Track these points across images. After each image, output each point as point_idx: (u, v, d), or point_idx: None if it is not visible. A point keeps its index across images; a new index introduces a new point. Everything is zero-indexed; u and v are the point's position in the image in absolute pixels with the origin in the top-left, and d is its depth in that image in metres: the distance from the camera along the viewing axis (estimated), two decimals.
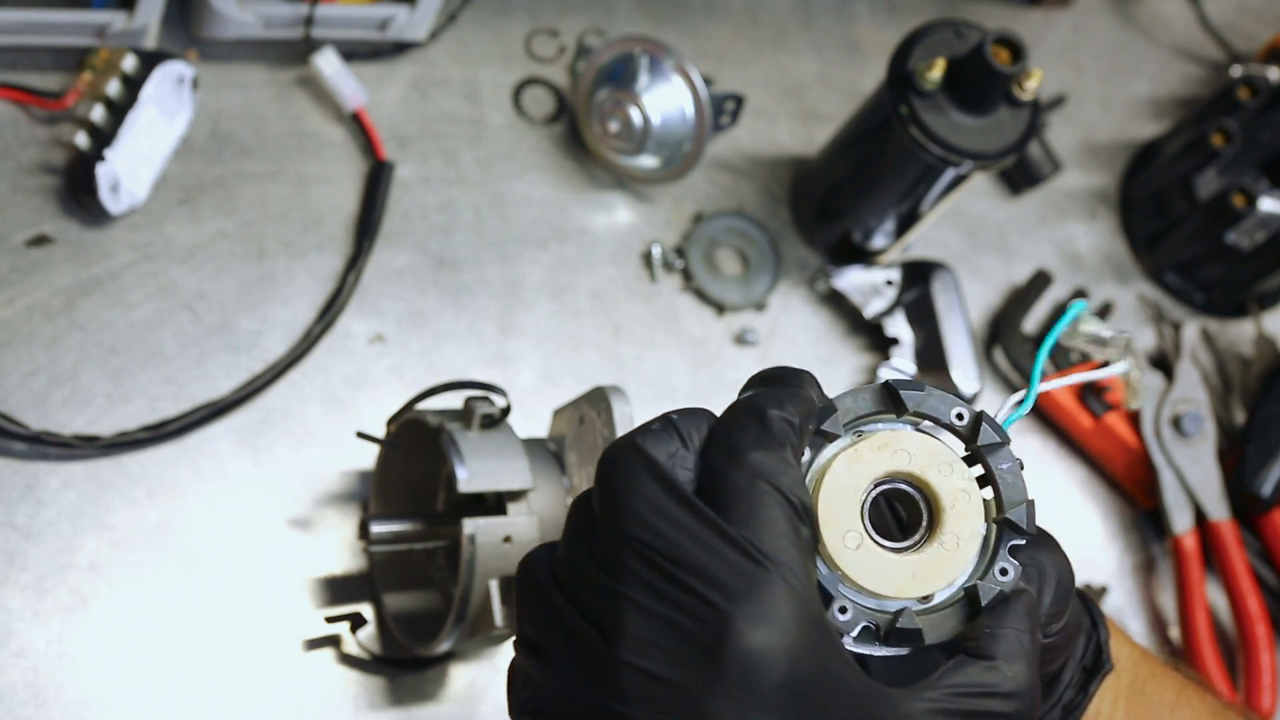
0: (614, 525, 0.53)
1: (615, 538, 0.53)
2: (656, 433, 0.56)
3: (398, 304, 1.05)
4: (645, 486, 0.53)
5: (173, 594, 0.91)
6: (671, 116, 1.10)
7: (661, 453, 0.55)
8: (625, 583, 0.52)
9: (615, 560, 0.53)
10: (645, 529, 0.52)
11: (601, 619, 0.52)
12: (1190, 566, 1.15)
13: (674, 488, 0.53)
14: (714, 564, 0.52)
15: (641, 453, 0.55)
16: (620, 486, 0.54)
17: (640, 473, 0.54)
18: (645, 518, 0.53)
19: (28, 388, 0.93)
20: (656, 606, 0.51)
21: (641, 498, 0.53)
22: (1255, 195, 1.22)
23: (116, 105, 0.98)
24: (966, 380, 1.13)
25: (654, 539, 0.52)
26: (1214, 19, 1.45)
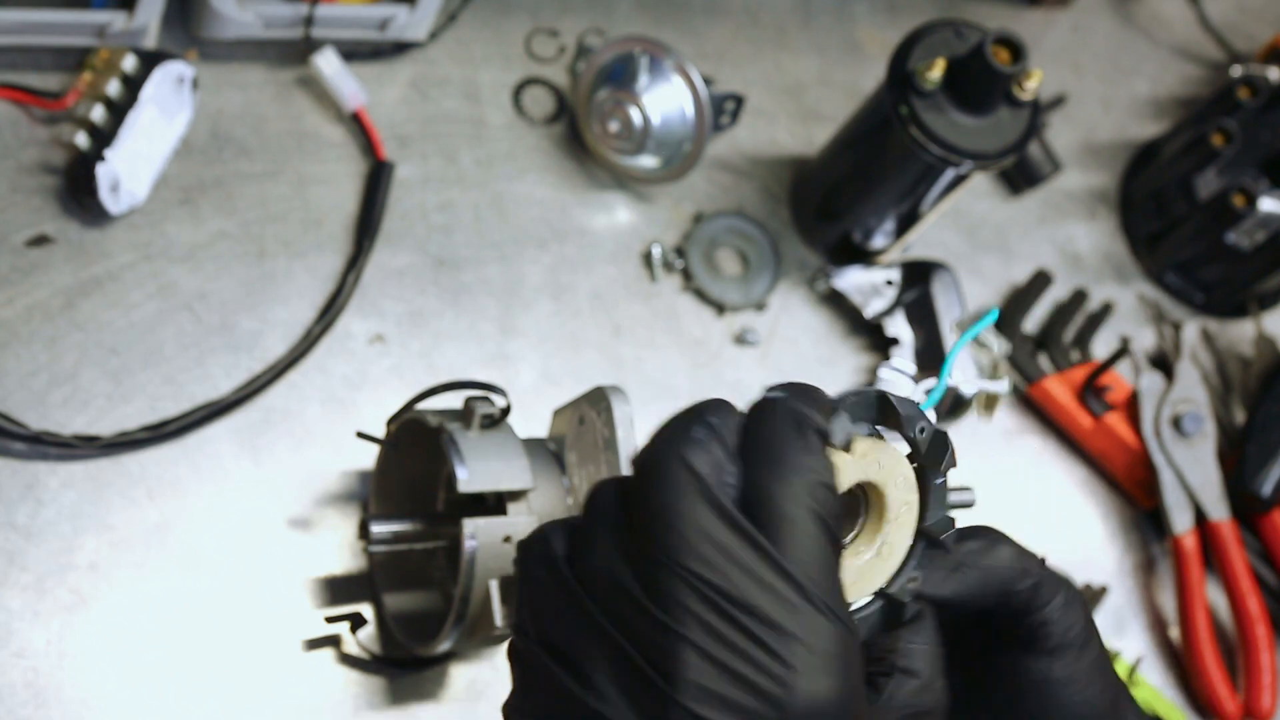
0: (665, 552, 0.50)
1: (667, 566, 0.50)
2: (700, 443, 0.53)
3: (398, 304, 1.05)
4: (697, 511, 0.51)
5: (173, 594, 0.91)
6: (671, 116, 1.10)
7: (706, 465, 0.52)
8: (684, 623, 0.49)
9: (669, 594, 0.50)
10: (703, 563, 0.50)
11: (657, 657, 0.49)
12: (1190, 566, 1.15)
13: (728, 514, 0.51)
14: (776, 608, 0.49)
15: (689, 468, 0.52)
16: (669, 508, 0.51)
17: (690, 493, 0.51)
18: (701, 550, 0.50)
19: (28, 388, 0.93)
20: (720, 653, 0.49)
21: (695, 526, 0.50)
22: (1255, 195, 1.22)
23: (116, 105, 0.98)
24: (967, 380, 1.13)
25: (713, 575, 0.50)
26: (1214, 19, 1.45)
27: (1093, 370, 1.18)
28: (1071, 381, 1.19)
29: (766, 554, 0.50)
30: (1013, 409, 1.20)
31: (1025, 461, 1.20)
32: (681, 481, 0.52)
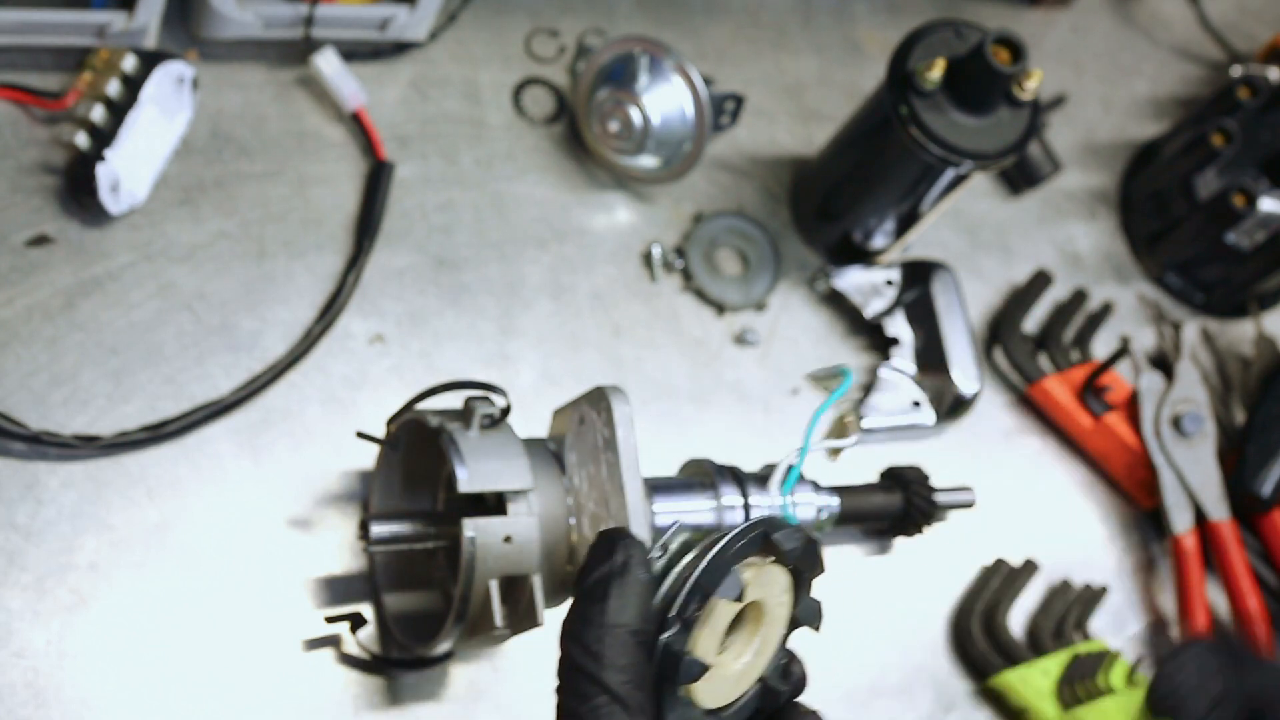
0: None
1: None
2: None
3: (398, 304, 1.05)
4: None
5: (173, 594, 0.91)
6: (671, 116, 1.10)
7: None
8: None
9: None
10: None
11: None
12: (1190, 566, 1.15)
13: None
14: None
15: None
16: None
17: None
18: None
19: (28, 388, 0.93)
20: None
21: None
22: (1255, 195, 1.22)
23: (116, 105, 0.98)
24: (966, 380, 1.13)
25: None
26: (1214, 19, 1.45)
27: (1093, 370, 1.18)
28: (1071, 381, 1.19)
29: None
30: (1013, 409, 1.20)
31: (1025, 461, 1.20)
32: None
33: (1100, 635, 1.14)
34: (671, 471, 1.02)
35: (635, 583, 0.64)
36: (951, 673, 1.09)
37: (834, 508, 1.01)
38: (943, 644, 1.10)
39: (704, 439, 1.08)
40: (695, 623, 0.65)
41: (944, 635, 1.10)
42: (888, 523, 1.06)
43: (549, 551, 0.88)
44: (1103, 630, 1.15)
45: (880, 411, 1.13)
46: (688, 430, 1.08)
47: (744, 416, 1.10)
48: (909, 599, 1.10)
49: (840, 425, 0.77)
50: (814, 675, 1.05)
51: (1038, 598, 1.13)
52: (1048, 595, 1.13)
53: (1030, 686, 1.07)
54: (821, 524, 1.01)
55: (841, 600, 1.08)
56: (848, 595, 1.09)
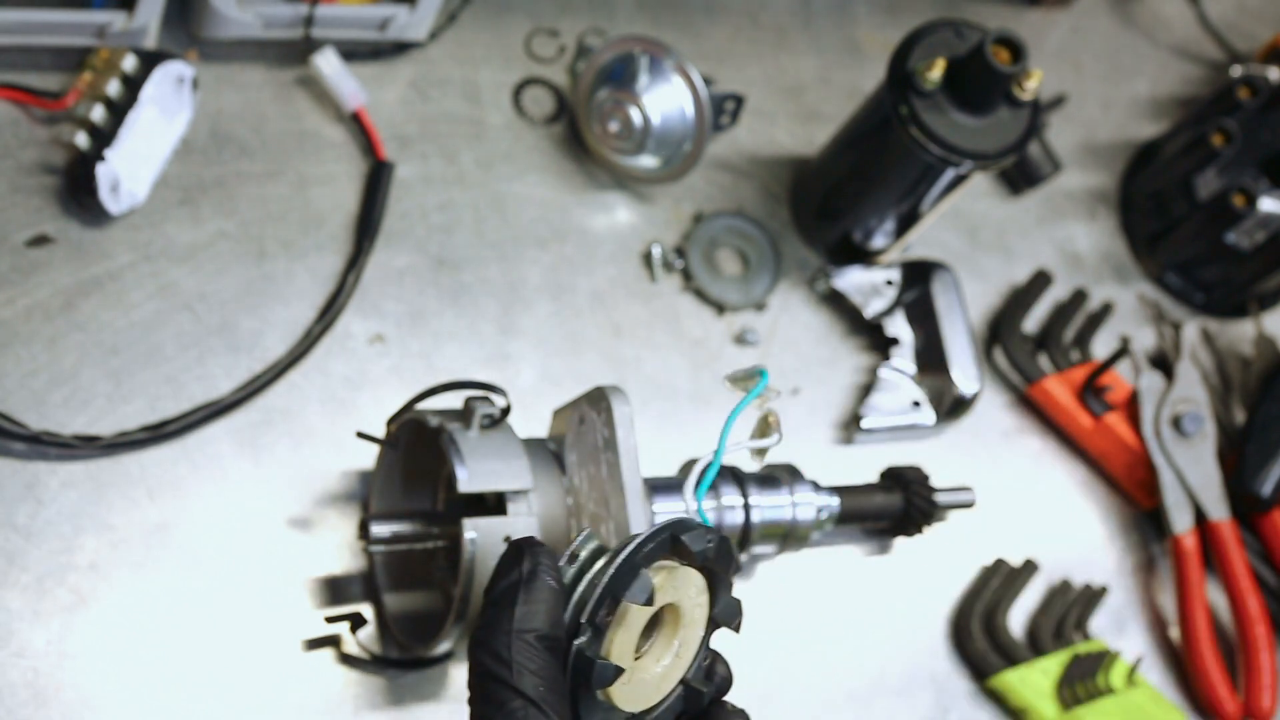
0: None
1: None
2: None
3: (398, 304, 1.05)
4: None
5: (173, 594, 0.91)
6: (671, 116, 1.10)
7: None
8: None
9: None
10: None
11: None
12: (1190, 566, 1.15)
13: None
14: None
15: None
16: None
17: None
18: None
19: (28, 388, 0.93)
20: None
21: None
22: (1255, 195, 1.22)
23: (116, 105, 0.98)
24: (966, 380, 1.13)
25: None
26: (1214, 19, 1.45)
27: (1093, 370, 1.18)
28: (1071, 381, 1.19)
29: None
30: (1013, 409, 1.20)
31: (1025, 461, 1.20)
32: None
33: (1100, 635, 1.14)
34: (671, 471, 1.02)
35: (543, 588, 0.64)
36: (951, 673, 1.09)
37: (834, 508, 1.01)
38: (943, 644, 1.10)
39: (704, 439, 1.08)
40: (607, 628, 0.65)
41: (944, 635, 1.10)
42: (888, 523, 1.06)
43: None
44: (1103, 630, 1.15)
45: (880, 411, 1.13)
46: (688, 430, 1.08)
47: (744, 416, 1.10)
48: (909, 599, 1.10)
49: (764, 424, 0.77)
50: (814, 675, 1.06)
51: (1038, 598, 1.13)
52: (1048, 595, 1.13)
53: (1030, 686, 1.07)
54: (821, 524, 1.01)
55: (841, 600, 1.09)
56: (848, 595, 1.09)
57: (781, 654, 1.05)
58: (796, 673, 1.05)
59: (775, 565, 1.06)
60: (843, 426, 1.14)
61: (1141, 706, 1.09)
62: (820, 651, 1.07)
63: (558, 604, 0.64)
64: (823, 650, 1.07)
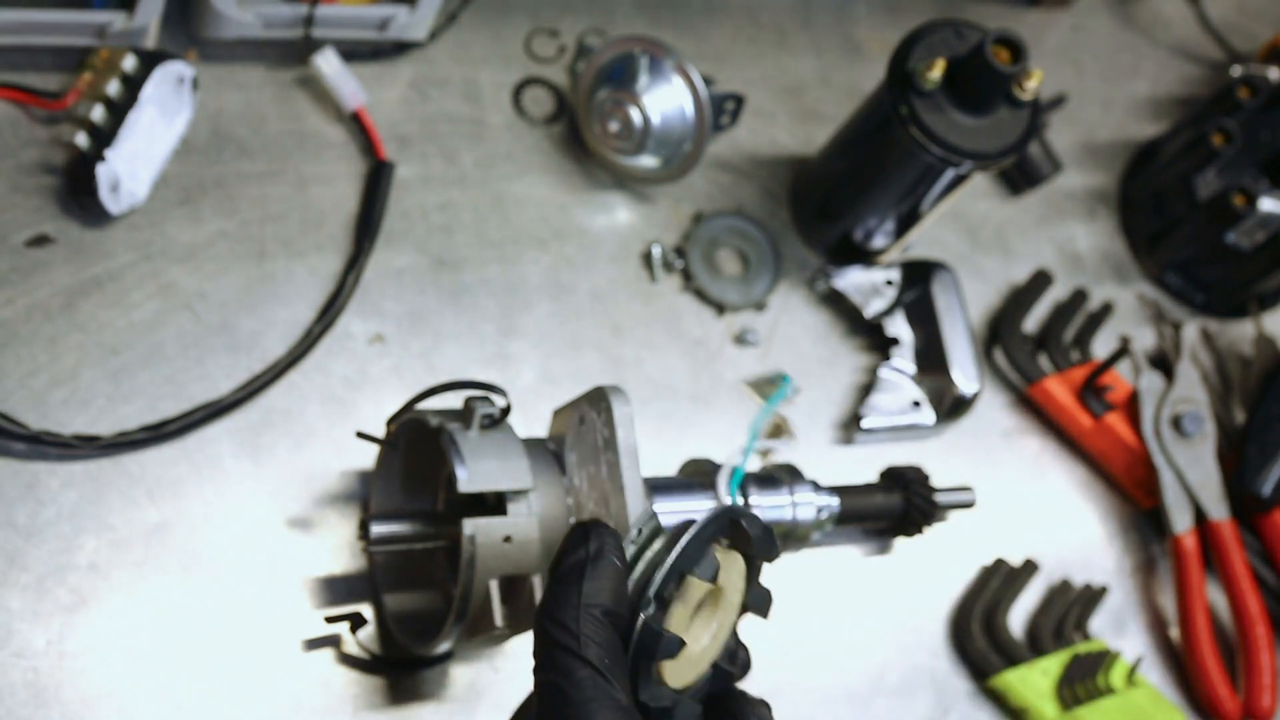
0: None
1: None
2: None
3: (398, 304, 1.05)
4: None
5: (173, 594, 0.91)
6: (671, 116, 1.10)
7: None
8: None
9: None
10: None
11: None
12: (1190, 566, 1.15)
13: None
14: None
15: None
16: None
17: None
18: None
19: (28, 388, 0.93)
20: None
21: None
22: (1255, 195, 1.22)
23: (116, 105, 0.98)
24: (966, 380, 1.13)
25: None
26: (1214, 19, 1.45)
27: (1093, 370, 1.18)
28: (1071, 381, 1.19)
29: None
30: (1013, 409, 1.20)
31: (1025, 461, 1.20)
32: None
33: (1100, 635, 1.14)
34: (671, 471, 1.02)
35: (609, 566, 0.67)
36: (951, 673, 1.09)
37: (834, 508, 1.01)
38: (943, 644, 1.10)
39: (704, 439, 1.08)
40: (671, 602, 0.68)
41: (944, 635, 1.10)
42: (888, 523, 1.06)
43: (549, 551, 0.88)
44: (1103, 630, 1.15)
45: (880, 411, 1.13)
46: (688, 430, 1.08)
47: (744, 416, 1.10)
48: (909, 599, 1.10)
49: (775, 428, 0.80)
50: (814, 675, 1.06)
51: (1038, 598, 1.13)
52: (1048, 595, 1.13)
53: (1030, 686, 1.07)
54: (821, 524, 1.01)
55: (841, 600, 1.09)
56: (848, 595, 1.09)
57: (781, 654, 1.05)
58: (796, 672, 1.05)
59: (775, 565, 1.06)
60: (843, 426, 1.14)
61: (1141, 706, 1.09)
62: (820, 651, 1.07)
63: (621, 582, 0.67)
64: (823, 650, 1.07)
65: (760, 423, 0.78)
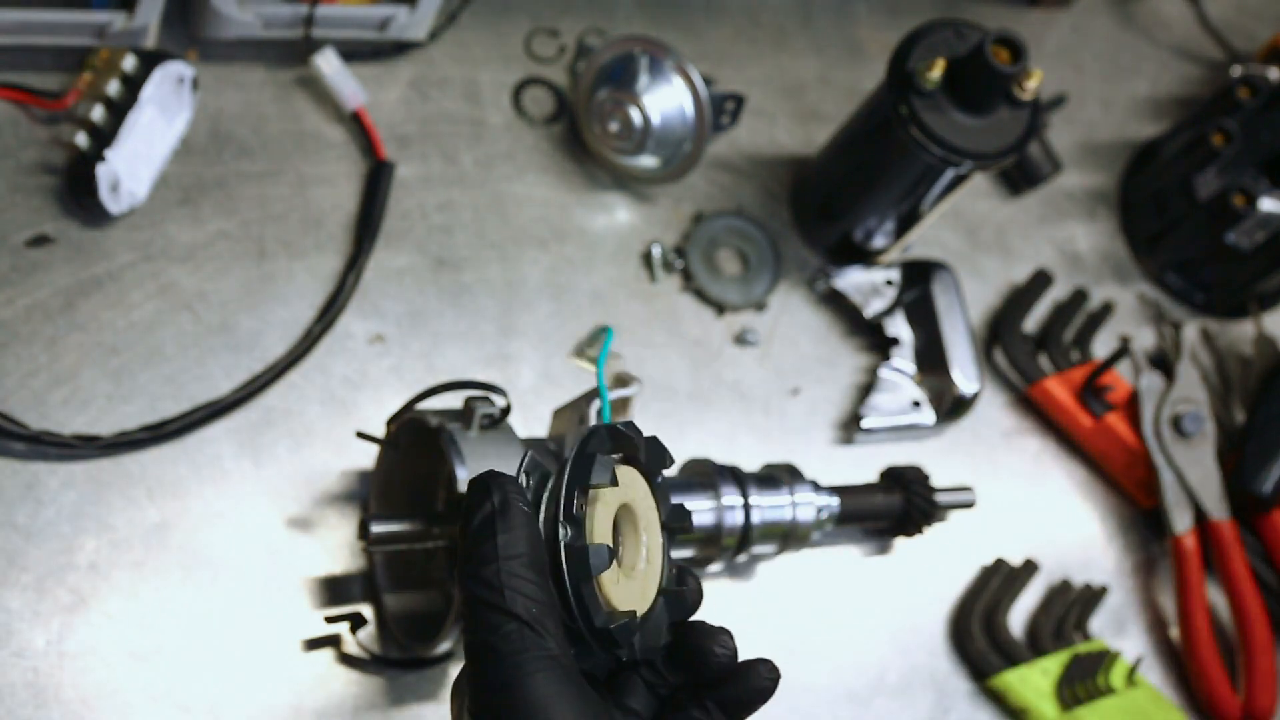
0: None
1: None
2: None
3: (398, 304, 1.05)
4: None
5: (173, 594, 0.91)
6: (671, 116, 1.10)
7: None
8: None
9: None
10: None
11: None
12: (1190, 566, 1.15)
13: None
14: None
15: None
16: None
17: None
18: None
19: (28, 388, 0.93)
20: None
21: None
22: (1255, 195, 1.22)
23: (116, 105, 0.98)
24: (966, 380, 1.13)
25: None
26: (1214, 19, 1.45)
27: (1093, 370, 1.18)
28: (1071, 381, 1.19)
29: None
30: (1013, 409, 1.20)
31: (1025, 461, 1.20)
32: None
33: (1100, 635, 1.14)
34: (671, 471, 1.02)
35: (519, 514, 0.65)
36: (951, 673, 1.09)
37: (834, 508, 1.01)
38: (943, 644, 1.10)
39: (704, 439, 1.08)
40: (584, 518, 0.67)
41: (944, 635, 1.10)
42: (888, 523, 1.06)
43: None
44: (1103, 630, 1.15)
45: (880, 411, 1.13)
46: (688, 430, 1.08)
47: (744, 416, 1.10)
48: (909, 599, 1.10)
49: (618, 379, 0.81)
50: (814, 675, 1.06)
51: (1038, 598, 1.13)
52: (1048, 595, 1.13)
53: (1030, 686, 1.07)
54: (821, 524, 1.01)
55: (841, 600, 1.09)
56: (848, 595, 1.09)
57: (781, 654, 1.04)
58: (796, 672, 1.05)
59: (775, 565, 1.06)
60: (843, 426, 1.14)
61: (1141, 706, 1.09)
62: (820, 651, 1.07)
63: (533, 527, 0.66)
64: (822, 650, 1.07)
65: (601, 378, 0.81)
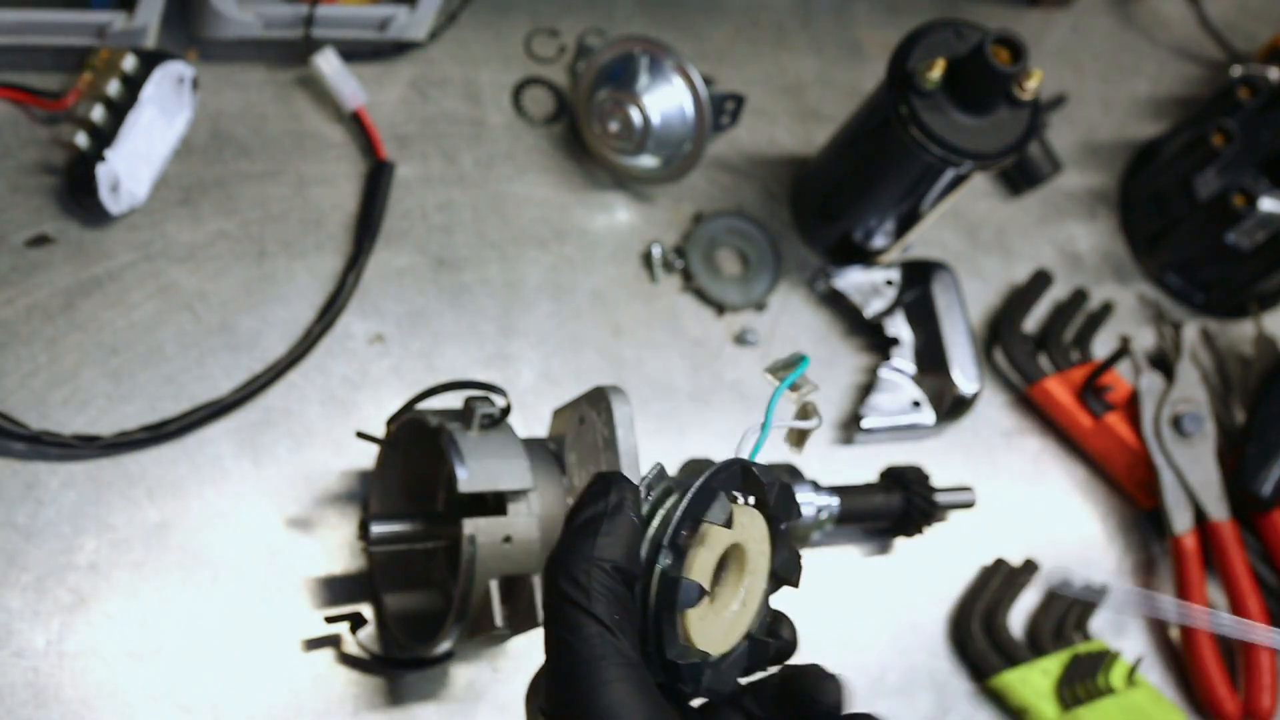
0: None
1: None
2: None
3: (398, 304, 1.05)
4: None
5: (173, 594, 0.91)
6: (671, 116, 1.10)
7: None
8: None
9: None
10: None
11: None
12: (1190, 566, 1.15)
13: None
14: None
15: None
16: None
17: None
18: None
19: (28, 388, 0.93)
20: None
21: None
22: (1255, 195, 1.22)
23: (116, 105, 0.98)
24: (966, 380, 1.13)
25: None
26: (1214, 19, 1.45)
27: (1093, 370, 1.18)
28: (1071, 381, 1.19)
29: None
30: (1013, 409, 1.20)
31: (1025, 461, 1.20)
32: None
33: (1100, 635, 1.14)
34: (672, 471, 1.02)
35: (626, 522, 0.65)
36: (951, 673, 1.09)
37: (834, 508, 1.01)
38: (943, 644, 1.10)
39: (704, 439, 1.08)
40: (688, 551, 0.65)
41: (944, 635, 1.10)
42: (888, 523, 1.06)
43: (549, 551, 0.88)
44: (1103, 630, 1.15)
45: (880, 411, 1.13)
46: (688, 430, 1.08)
47: (744, 416, 1.10)
48: (909, 599, 1.10)
49: (802, 411, 0.77)
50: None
51: (1038, 598, 1.13)
52: (1047, 595, 1.13)
53: (1030, 686, 1.07)
54: (821, 524, 1.01)
55: (841, 600, 1.09)
56: (848, 595, 1.09)
57: None
58: None
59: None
60: (843, 426, 1.14)
61: (1141, 706, 1.09)
62: (820, 652, 1.07)
63: (636, 540, 0.65)
64: (823, 651, 1.07)
65: (776, 400, 0.74)
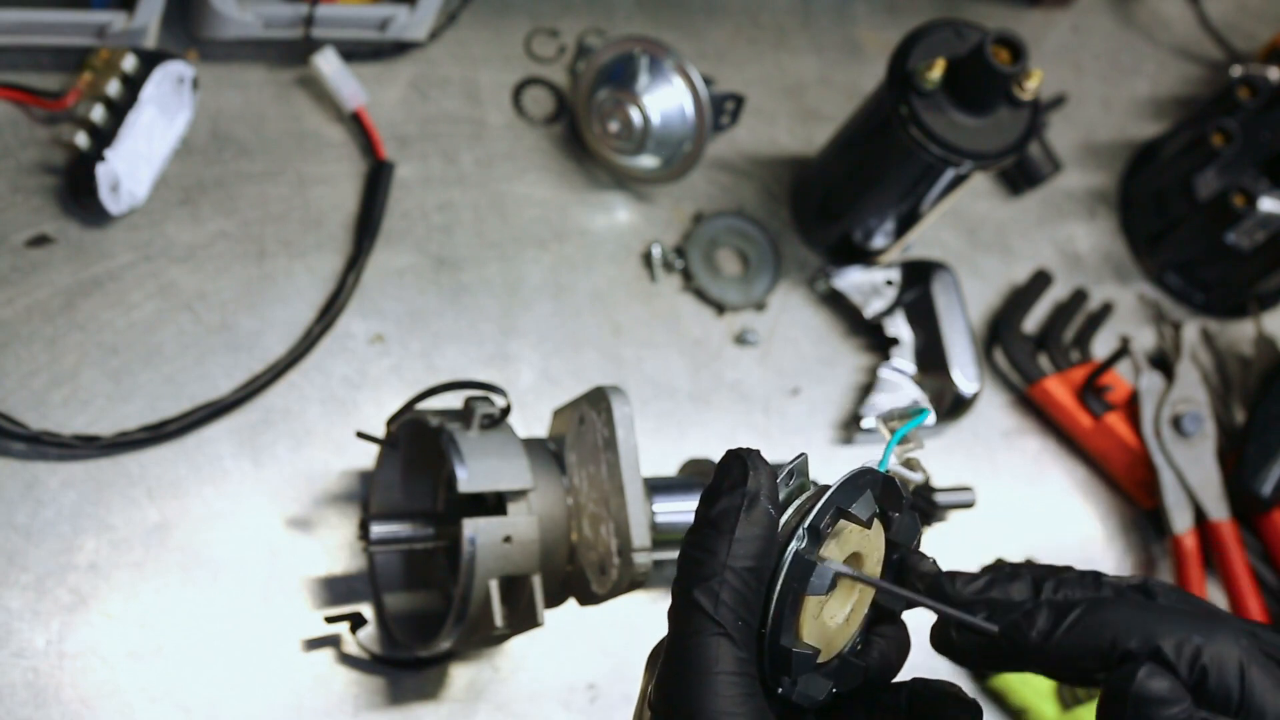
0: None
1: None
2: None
3: (398, 304, 1.05)
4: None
5: (173, 594, 0.91)
6: (671, 116, 1.10)
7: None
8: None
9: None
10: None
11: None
12: (1190, 566, 1.15)
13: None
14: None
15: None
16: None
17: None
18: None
19: (28, 388, 0.93)
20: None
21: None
22: (1255, 195, 1.22)
23: (116, 105, 0.98)
24: (966, 380, 1.13)
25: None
26: (1214, 19, 1.45)
27: (1093, 370, 1.18)
28: (1071, 381, 1.19)
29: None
30: (1013, 409, 1.20)
31: (1025, 461, 1.20)
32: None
33: None
34: (671, 471, 1.02)
35: (763, 517, 0.61)
36: (951, 673, 1.09)
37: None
38: None
39: (704, 439, 1.08)
40: (824, 538, 0.63)
41: None
42: None
43: (549, 551, 0.88)
44: None
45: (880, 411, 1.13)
46: (688, 430, 1.08)
47: (744, 416, 1.10)
48: None
49: (908, 462, 0.75)
50: None
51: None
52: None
53: (1030, 686, 1.07)
54: None
55: None
56: None
57: None
58: None
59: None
60: (843, 426, 1.14)
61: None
62: None
63: (771, 535, 0.62)
64: None
65: (891, 449, 0.71)
